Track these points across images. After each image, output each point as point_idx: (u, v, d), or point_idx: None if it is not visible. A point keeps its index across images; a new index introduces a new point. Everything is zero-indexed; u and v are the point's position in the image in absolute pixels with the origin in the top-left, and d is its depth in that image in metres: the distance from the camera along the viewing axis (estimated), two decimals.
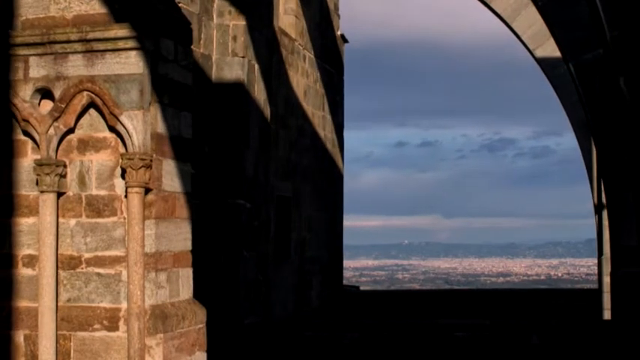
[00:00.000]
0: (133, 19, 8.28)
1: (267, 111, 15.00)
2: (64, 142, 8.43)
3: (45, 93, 8.47)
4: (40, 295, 8.25)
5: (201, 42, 13.37)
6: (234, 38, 13.87)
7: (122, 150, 8.31)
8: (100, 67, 8.31)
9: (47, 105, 8.46)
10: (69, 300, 8.37)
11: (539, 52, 18.89)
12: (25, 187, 8.51)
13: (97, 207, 8.38)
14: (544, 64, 18.87)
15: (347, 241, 22.68)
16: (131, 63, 8.26)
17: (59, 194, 8.38)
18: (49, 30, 8.41)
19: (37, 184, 8.37)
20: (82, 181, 8.42)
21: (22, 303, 8.46)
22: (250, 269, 14.24)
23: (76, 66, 8.36)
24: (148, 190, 8.31)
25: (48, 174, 8.29)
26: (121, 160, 8.28)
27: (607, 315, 17.25)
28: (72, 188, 8.44)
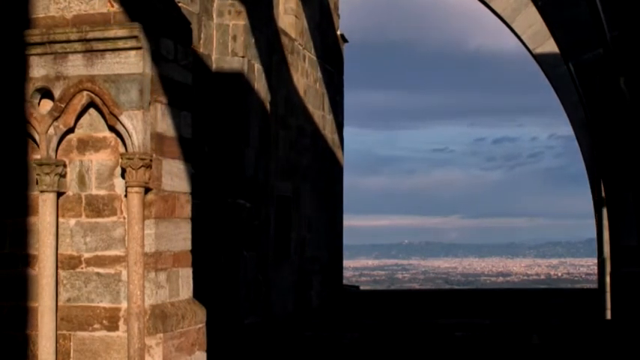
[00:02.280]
0: (132, 19, 8.28)
1: (267, 111, 15.00)
2: (64, 142, 8.43)
3: (45, 93, 8.47)
4: (40, 294, 8.26)
5: (201, 42, 13.37)
6: (234, 38, 13.87)
7: (122, 150, 8.31)
8: (100, 66, 8.31)
9: (47, 105, 8.46)
10: (69, 300, 8.37)
11: (539, 52, 18.88)
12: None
13: (97, 207, 8.38)
14: (544, 64, 18.86)
15: (347, 241, 22.68)
16: (131, 63, 8.26)
17: (59, 194, 8.38)
18: (49, 30, 8.41)
19: (37, 183, 8.38)
20: (81, 181, 8.42)
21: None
22: (250, 269, 14.23)
23: (75, 66, 8.36)
24: (147, 190, 8.31)
25: (48, 174, 8.29)
26: (120, 160, 8.28)
27: (607, 315, 17.25)
28: (72, 188, 8.44)
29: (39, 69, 8.46)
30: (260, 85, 14.65)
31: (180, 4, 10.48)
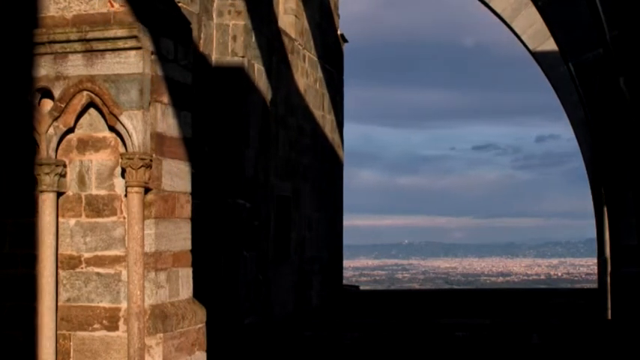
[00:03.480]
0: (132, 19, 8.28)
1: (267, 111, 15.00)
2: (64, 142, 8.43)
3: (45, 93, 8.47)
4: (40, 294, 8.25)
5: (201, 42, 13.37)
6: (234, 38, 13.87)
7: (122, 150, 8.31)
8: (100, 66, 8.31)
9: (47, 104, 8.46)
10: (69, 300, 8.37)
11: (539, 52, 18.87)
12: None
13: (97, 207, 8.38)
14: (544, 63, 18.85)
15: (347, 240, 22.68)
16: (131, 63, 8.26)
17: (59, 194, 8.38)
18: (49, 30, 8.41)
19: (36, 183, 8.37)
20: (81, 181, 8.42)
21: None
22: (250, 269, 14.24)
23: (75, 66, 8.36)
24: (147, 190, 8.31)
25: (48, 174, 8.29)
26: (120, 160, 8.28)
27: (607, 315, 17.24)
28: (72, 188, 8.44)
29: (39, 69, 8.45)
30: (260, 85, 14.65)
31: (180, 4, 10.48)
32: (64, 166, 8.42)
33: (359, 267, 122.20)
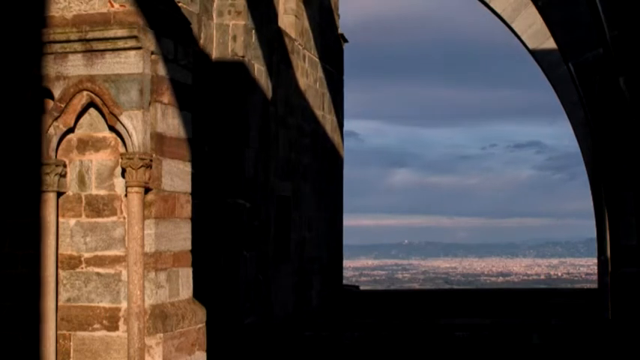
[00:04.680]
0: (132, 19, 8.28)
1: (267, 110, 15.00)
2: (64, 142, 8.43)
3: (45, 92, 8.47)
4: (40, 295, 8.25)
5: (201, 42, 13.37)
6: (234, 38, 13.87)
7: (122, 150, 8.31)
8: (100, 66, 8.31)
9: (47, 104, 8.46)
10: (69, 300, 8.37)
11: (539, 52, 18.87)
12: None
13: (97, 207, 8.38)
14: (544, 63, 18.86)
15: (347, 241, 22.68)
16: (131, 63, 8.26)
17: (59, 194, 8.38)
18: (49, 30, 8.40)
19: (36, 183, 8.37)
20: (81, 181, 8.42)
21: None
22: (250, 269, 14.23)
23: (75, 66, 8.36)
24: (147, 190, 8.31)
25: (48, 174, 8.29)
26: (120, 160, 8.28)
27: (607, 315, 17.24)
28: (72, 188, 8.44)
29: (39, 69, 8.45)
30: (260, 85, 14.65)
31: (180, 4, 10.48)
32: (64, 166, 8.42)
33: (359, 267, 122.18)
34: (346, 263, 27.01)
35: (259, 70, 14.58)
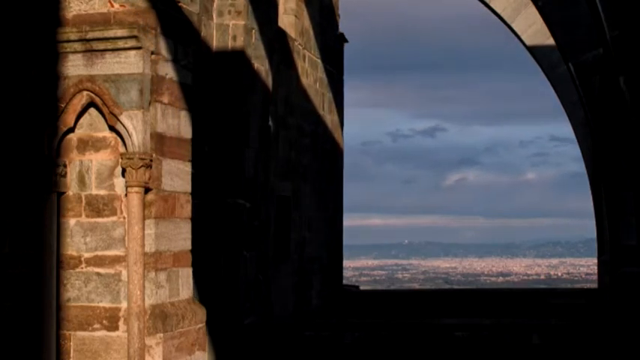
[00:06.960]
0: (132, 19, 8.28)
1: (267, 110, 15.00)
2: (64, 142, 8.44)
3: (45, 92, 8.47)
4: (40, 295, 8.25)
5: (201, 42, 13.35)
6: (234, 38, 13.86)
7: (122, 149, 8.32)
8: (100, 66, 8.32)
9: (47, 104, 8.45)
10: (69, 300, 8.37)
11: (539, 52, 18.89)
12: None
13: (97, 207, 8.38)
14: (544, 63, 18.87)
15: (347, 240, 22.67)
16: (131, 63, 8.26)
17: (59, 194, 8.38)
18: (49, 30, 8.40)
19: (36, 183, 8.37)
20: (81, 181, 8.42)
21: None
22: (250, 269, 14.23)
23: (75, 65, 8.36)
24: (147, 190, 8.31)
25: (48, 174, 8.29)
26: (120, 160, 8.28)
27: (607, 315, 17.24)
28: (72, 188, 8.44)
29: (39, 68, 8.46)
30: (260, 84, 14.64)
31: (180, 4, 10.48)
32: (64, 166, 8.42)
33: (359, 267, 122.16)
34: (346, 263, 27.00)
35: (259, 70, 14.58)
